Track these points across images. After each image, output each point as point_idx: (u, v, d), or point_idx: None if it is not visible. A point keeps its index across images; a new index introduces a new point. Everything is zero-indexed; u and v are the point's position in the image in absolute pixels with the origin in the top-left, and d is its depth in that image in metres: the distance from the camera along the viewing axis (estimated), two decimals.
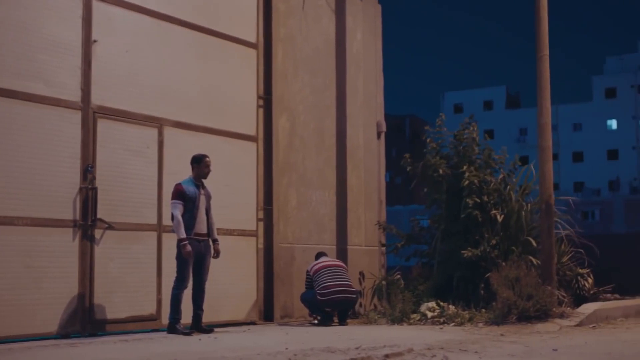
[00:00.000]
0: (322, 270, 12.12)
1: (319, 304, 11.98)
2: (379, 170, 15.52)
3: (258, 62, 12.98)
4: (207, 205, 10.45)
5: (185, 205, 10.13)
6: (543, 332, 10.48)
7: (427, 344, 8.67)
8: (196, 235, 10.21)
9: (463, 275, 13.22)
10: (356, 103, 14.99)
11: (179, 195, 10.15)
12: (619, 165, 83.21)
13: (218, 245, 10.57)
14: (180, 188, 10.20)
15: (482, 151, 14.02)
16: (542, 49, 13.18)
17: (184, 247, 9.97)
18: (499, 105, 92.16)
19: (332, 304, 11.99)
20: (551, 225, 12.92)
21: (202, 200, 10.34)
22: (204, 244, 10.38)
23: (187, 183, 10.30)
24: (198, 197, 10.27)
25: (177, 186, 10.26)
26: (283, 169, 13.29)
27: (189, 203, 10.15)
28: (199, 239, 10.27)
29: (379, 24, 16.01)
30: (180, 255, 10.05)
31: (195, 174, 10.44)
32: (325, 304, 11.96)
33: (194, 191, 10.25)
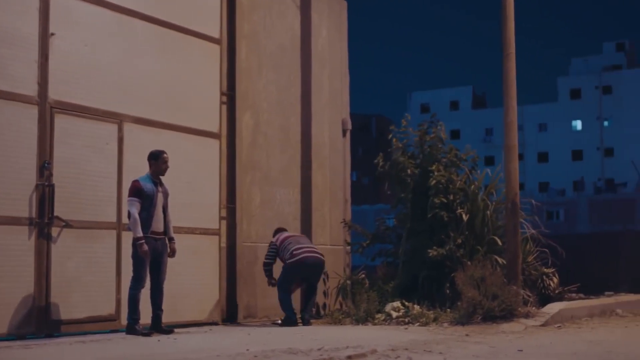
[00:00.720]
0: (288, 239, 12.09)
1: (290, 270, 11.85)
2: (345, 169, 15.37)
3: (221, 58, 12.75)
4: (164, 203, 10.21)
5: (142, 202, 9.89)
6: (508, 332, 10.40)
7: (391, 344, 8.53)
8: (153, 233, 9.97)
9: (428, 274, 13.12)
10: (321, 101, 14.83)
11: (136, 192, 9.89)
12: (584, 165, 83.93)
13: (174, 244, 10.33)
14: (137, 185, 9.94)
15: (448, 150, 13.94)
16: (508, 47, 13.10)
17: (141, 247, 9.73)
18: (465, 105, 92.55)
19: (304, 265, 11.93)
20: (517, 225, 12.86)
21: (159, 197, 10.09)
22: (161, 243, 10.14)
23: (144, 180, 10.04)
24: (156, 195, 10.02)
25: (134, 183, 10.00)
26: (247, 166, 13.09)
27: (146, 201, 9.90)
28: (156, 237, 10.03)
29: (345, 20, 15.86)
30: (137, 254, 9.81)
31: (152, 170, 10.18)
32: (296, 268, 11.86)
33: (151, 188, 10.00)
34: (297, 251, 11.91)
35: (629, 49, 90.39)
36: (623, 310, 14.30)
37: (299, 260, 11.87)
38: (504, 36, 13.17)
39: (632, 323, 12.43)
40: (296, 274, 11.98)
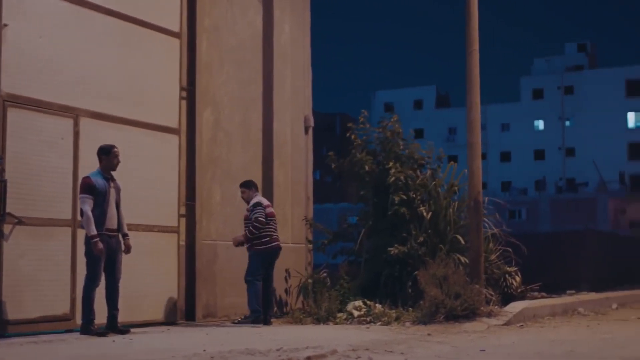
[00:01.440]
0: (272, 218, 11.94)
1: (262, 258, 11.70)
2: (307, 166, 15.19)
3: (181, 53, 12.50)
4: (117, 199, 9.93)
5: (95, 199, 9.61)
6: (471, 331, 10.31)
7: (351, 344, 8.38)
8: (107, 230, 9.71)
9: (390, 273, 13.02)
10: (283, 97, 14.63)
11: (88, 189, 9.60)
12: (546, 165, 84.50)
13: (129, 240, 10.06)
14: (89, 181, 9.65)
15: (408, 146, 13.84)
16: (472, 43, 13.03)
17: (96, 245, 9.46)
18: (428, 104, 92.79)
19: (274, 255, 11.92)
20: (479, 223, 12.80)
21: (112, 193, 9.82)
22: (115, 240, 9.89)
23: (95, 176, 9.74)
24: (108, 191, 9.74)
25: (85, 179, 9.71)
26: (207, 163, 12.86)
27: (99, 197, 9.62)
28: (110, 234, 9.77)
29: (308, 17, 15.67)
30: (91, 252, 9.54)
31: (103, 165, 9.89)
32: (268, 255, 11.78)
33: (103, 184, 9.72)
34: (271, 239, 11.77)
35: (591, 50, 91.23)
36: (585, 309, 14.33)
37: (272, 247, 11.73)
38: (468, 33, 13.10)
39: (594, 322, 12.43)
40: (265, 263, 11.78)
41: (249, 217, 11.68)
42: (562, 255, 26.35)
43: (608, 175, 73.66)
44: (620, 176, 77.20)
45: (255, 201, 11.82)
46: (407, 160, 13.74)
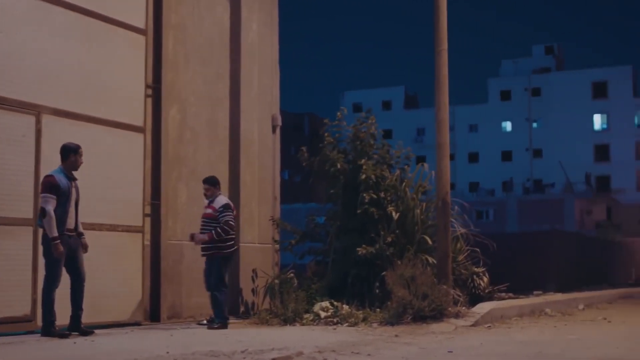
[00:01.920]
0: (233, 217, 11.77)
1: (228, 262, 11.49)
2: (274, 165, 15.03)
3: (147, 50, 12.30)
4: (76, 199, 9.74)
5: (58, 199, 9.40)
6: (438, 332, 10.24)
7: (318, 346, 8.27)
8: (67, 231, 9.52)
9: (358, 273, 12.92)
10: (251, 96, 14.47)
11: (52, 188, 9.39)
12: (513, 166, 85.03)
13: (85, 239, 9.89)
14: (53, 180, 9.44)
15: (380, 146, 13.77)
16: (441, 43, 12.98)
17: (57, 247, 9.27)
18: (397, 105, 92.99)
19: (234, 256, 11.86)
20: (447, 223, 12.75)
21: (73, 193, 9.63)
22: (74, 240, 9.70)
23: (59, 174, 9.54)
24: (71, 191, 9.56)
25: (48, 178, 9.49)
26: (173, 162, 12.67)
27: (62, 197, 9.42)
28: (69, 234, 9.58)
29: (276, 15, 15.53)
30: (50, 253, 9.33)
31: (67, 165, 9.70)
32: (230, 260, 11.63)
33: (67, 184, 9.53)
34: (234, 239, 11.61)
35: (558, 53, 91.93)
36: (552, 309, 14.36)
37: (234, 250, 11.59)
38: (437, 33, 13.04)
39: (560, 322, 12.44)
40: (229, 266, 11.66)
41: (217, 218, 11.39)
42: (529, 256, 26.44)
43: (574, 176, 74.30)
44: (587, 177, 77.89)
45: (225, 202, 11.58)
46: (379, 160, 13.66)
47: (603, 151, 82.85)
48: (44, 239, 9.40)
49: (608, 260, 37.92)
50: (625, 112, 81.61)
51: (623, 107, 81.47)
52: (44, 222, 9.36)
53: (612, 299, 20.02)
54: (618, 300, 19.91)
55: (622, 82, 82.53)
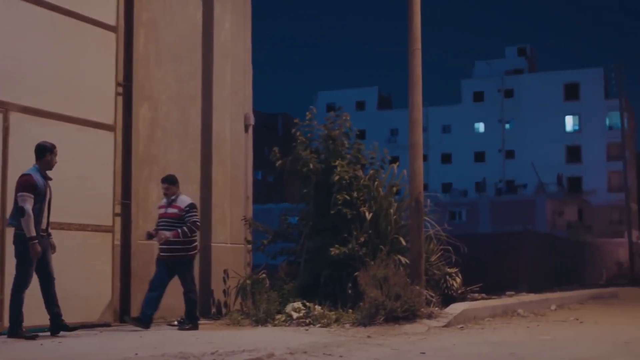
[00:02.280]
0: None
1: (193, 263, 11.39)
2: (246, 165, 14.89)
3: (118, 47, 12.14)
4: (49, 198, 9.63)
5: (34, 198, 9.28)
6: (411, 333, 10.18)
7: (289, 347, 8.17)
8: (41, 231, 9.41)
9: (331, 274, 12.83)
10: (223, 94, 14.33)
11: (30, 187, 9.29)
12: (486, 167, 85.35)
13: (52, 239, 9.80)
14: (30, 179, 9.34)
15: (352, 146, 13.69)
16: (414, 42, 12.93)
17: (35, 247, 9.19)
18: (371, 105, 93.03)
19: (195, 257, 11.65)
20: (421, 224, 12.70)
21: (48, 193, 9.53)
22: (46, 240, 9.61)
23: (35, 173, 9.44)
24: (46, 190, 9.45)
25: (26, 177, 9.36)
26: (143, 161, 12.51)
27: (38, 196, 9.34)
28: (42, 234, 9.48)
29: (249, 13, 15.40)
30: (24, 253, 9.19)
31: (42, 164, 9.59)
32: (195, 257, 11.51)
33: (43, 183, 9.47)
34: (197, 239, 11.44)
35: (530, 54, 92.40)
36: (524, 310, 14.36)
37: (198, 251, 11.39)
38: (410, 32, 12.99)
39: (533, 323, 12.44)
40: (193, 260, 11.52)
41: (182, 218, 11.22)
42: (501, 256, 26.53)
43: (546, 177, 74.78)
44: (558, 178, 78.41)
45: (191, 202, 11.45)
46: (352, 160, 13.58)
47: (575, 152, 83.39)
48: (18, 239, 9.27)
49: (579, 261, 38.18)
50: (596, 113, 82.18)
51: (594, 109, 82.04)
52: (22, 222, 9.22)
53: (584, 299, 20.09)
54: (589, 301, 19.97)
55: (593, 84, 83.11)
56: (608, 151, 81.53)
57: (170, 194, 11.38)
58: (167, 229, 11.16)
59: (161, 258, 11.27)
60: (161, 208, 11.45)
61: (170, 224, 11.19)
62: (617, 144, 71.59)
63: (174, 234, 11.08)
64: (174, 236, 11.08)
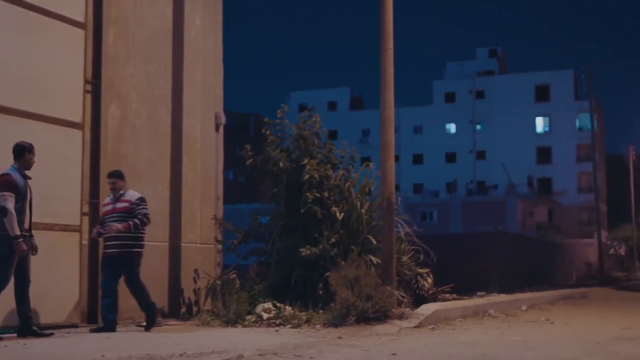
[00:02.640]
0: None
1: (141, 255, 11.01)
2: (217, 164, 14.76)
3: (86, 44, 11.97)
4: (31, 198, 9.62)
5: (15, 197, 9.17)
6: (382, 334, 10.11)
7: (259, 348, 8.07)
8: (23, 231, 9.34)
9: (301, 274, 12.74)
10: (193, 93, 14.19)
11: (11, 186, 9.28)
12: (457, 167, 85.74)
13: (34, 240, 9.72)
14: (10, 179, 9.33)
15: (323, 145, 13.62)
16: (387, 42, 12.88)
17: (20, 245, 9.17)
18: (342, 106, 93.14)
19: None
20: (392, 224, 12.64)
21: (29, 193, 9.53)
22: (27, 240, 9.56)
23: (15, 173, 9.41)
24: (27, 190, 9.38)
25: (6, 177, 9.36)
26: (112, 159, 12.34)
27: (19, 195, 9.31)
28: (24, 234, 9.44)
29: (220, 11, 15.26)
30: (6, 253, 9.09)
31: (21, 163, 9.58)
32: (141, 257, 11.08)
33: (23, 182, 9.47)
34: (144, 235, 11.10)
35: (501, 56, 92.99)
36: (495, 310, 14.36)
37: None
38: (383, 31, 12.93)
39: (504, 324, 12.43)
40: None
41: (133, 211, 10.90)
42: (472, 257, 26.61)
43: (517, 178, 75.20)
44: (529, 179, 78.93)
45: (141, 195, 11.15)
46: (322, 160, 13.50)
47: (545, 154, 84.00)
48: (1, 239, 9.14)
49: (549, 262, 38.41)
50: (566, 115, 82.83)
51: (565, 110, 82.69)
52: (5, 221, 9.17)
53: (554, 299, 20.16)
54: (559, 301, 20.04)
55: (564, 86, 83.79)
56: (578, 152, 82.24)
57: (118, 189, 11.06)
58: (130, 222, 10.87)
59: (107, 255, 10.94)
60: (107, 205, 11.11)
61: (122, 218, 10.86)
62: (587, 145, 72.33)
63: (125, 225, 10.75)
64: (125, 228, 10.74)
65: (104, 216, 11.11)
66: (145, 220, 10.92)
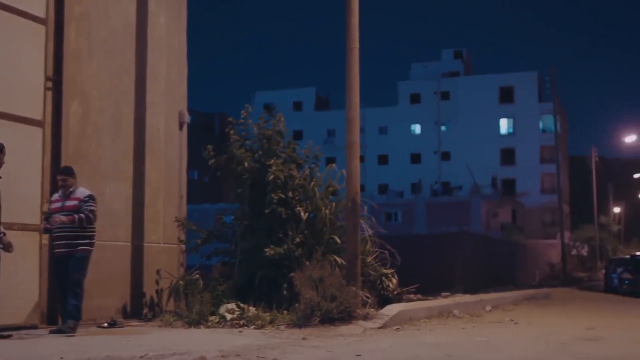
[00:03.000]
0: None
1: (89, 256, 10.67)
2: (181, 163, 14.60)
3: (47, 40, 11.78)
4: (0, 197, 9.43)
5: None
6: (347, 335, 10.04)
7: (221, 350, 7.96)
8: None
9: (266, 274, 12.64)
10: (157, 91, 14.02)
11: None
12: (422, 168, 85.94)
13: (7, 237, 9.66)
14: None
15: (287, 145, 13.51)
16: (352, 41, 12.81)
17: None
18: (308, 106, 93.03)
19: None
20: (357, 224, 12.57)
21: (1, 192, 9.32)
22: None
23: None
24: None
25: None
26: (74, 158, 12.13)
27: None
28: None
29: (184, 9, 15.10)
30: None
31: None
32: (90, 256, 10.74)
33: None
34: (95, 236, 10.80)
35: (466, 57, 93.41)
36: (460, 311, 14.36)
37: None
38: (348, 30, 12.86)
39: (469, 324, 12.42)
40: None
41: (80, 209, 10.54)
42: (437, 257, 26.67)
43: (481, 179, 75.57)
44: (493, 180, 79.32)
45: (90, 193, 10.84)
46: (287, 160, 13.40)
47: (509, 155, 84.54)
48: None
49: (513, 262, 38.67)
50: (530, 117, 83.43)
51: (528, 112, 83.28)
52: None
53: (518, 300, 20.25)
54: (523, 302, 20.14)
55: (527, 88, 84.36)
56: (541, 154, 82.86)
57: (68, 186, 10.77)
58: (64, 225, 10.48)
59: (57, 254, 10.66)
60: (56, 202, 10.81)
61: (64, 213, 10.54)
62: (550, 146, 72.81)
63: (70, 218, 10.42)
64: (70, 220, 10.40)
65: (52, 213, 10.75)
66: (90, 217, 10.57)
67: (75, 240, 10.53)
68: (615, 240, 70.27)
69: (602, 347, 9.17)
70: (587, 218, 67.00)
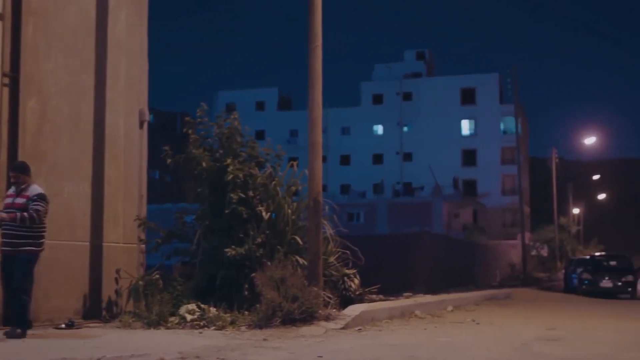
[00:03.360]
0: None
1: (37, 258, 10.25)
2: (141, 162, 14.39)
3: (4, 36, 11.54)
4: None
5: None
6: (308, 335, 9.95)
7: (181, 351, 7.83)
8: None
9: (227, 275, 12.51)
10: (117, 88, 13.81)
11: None
12: (384, 169, 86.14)
13: None
14: None
15: (246, 144, 13.38)
16: (315, 39, 12.73)
17: None
18: (271, 106, 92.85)
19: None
20: (319, 224, 12.50)
21: None
22: None
23: None
24: None
25: None
26: (31, 156, 11.88)
27: None
28: None
29: (145, 7, 14.89)
30: None
31: None
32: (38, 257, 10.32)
33: None
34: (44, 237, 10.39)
35: (429, 58, 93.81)
36: (422, 311, 14.34)
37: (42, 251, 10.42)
38: (311, 29, 12.78)
39: (431, 325, 12.40)
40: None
41: (27, 207, 10.18)
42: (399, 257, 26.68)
43: (443, 180, 75.93)
44: (454, 181, 79.80)
45: (40, 192, 10.44)
46: (247, 159, 13.28)
47: (470, 156, 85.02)
48: None
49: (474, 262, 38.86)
50: (491, 118, 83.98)
51: (490, 114, 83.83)
52: None
53: (479, 300, 20.31)
54: (484, 302, 20.21)
55: (489, 89, 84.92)
56: (502, 155, 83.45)
57: (21, 183, 10.42)
58: (11, 225, 10.13)
59: (3, 252, 10.29)
60: (8, 197, 10.47)
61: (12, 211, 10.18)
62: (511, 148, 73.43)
63: (12, 215, 10.07)
64: (11, 218, 10.04)
65: (4, 209, 10.37)
66: (34, 216, 10.14)
67: (20, 240, 10.13)
68: (574, 241, 71.06)
69: (563, 347, 9.19)
70: (547, 219, 67.62)
